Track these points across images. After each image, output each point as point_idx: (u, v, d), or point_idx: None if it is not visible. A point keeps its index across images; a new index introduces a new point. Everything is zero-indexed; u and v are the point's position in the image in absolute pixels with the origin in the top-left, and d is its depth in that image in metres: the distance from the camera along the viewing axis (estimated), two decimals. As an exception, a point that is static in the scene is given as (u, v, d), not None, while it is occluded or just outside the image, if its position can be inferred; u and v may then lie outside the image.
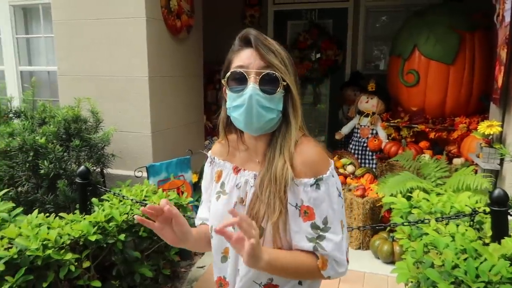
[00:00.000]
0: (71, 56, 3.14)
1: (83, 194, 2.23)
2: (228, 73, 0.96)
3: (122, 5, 2.93)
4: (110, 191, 2.35)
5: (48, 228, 1.95)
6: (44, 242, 1.83)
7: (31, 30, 4.43)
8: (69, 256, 1.84)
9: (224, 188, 1.04)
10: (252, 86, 0.91)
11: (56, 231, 1.88)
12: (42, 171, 2.39)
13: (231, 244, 0.81)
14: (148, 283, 2.33)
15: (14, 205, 2.15)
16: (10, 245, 1.83)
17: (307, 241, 0.93)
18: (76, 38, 3.10)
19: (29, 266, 1.79)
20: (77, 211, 2.24)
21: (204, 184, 1.14)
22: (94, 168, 2.67)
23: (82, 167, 2.20)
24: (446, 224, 1.80)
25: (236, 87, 0.94)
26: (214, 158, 1.12)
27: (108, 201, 2.28)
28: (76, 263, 1.90)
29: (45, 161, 2.38)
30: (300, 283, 1.00)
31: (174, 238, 0.93)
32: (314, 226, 0.92)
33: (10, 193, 2.66)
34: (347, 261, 0.96)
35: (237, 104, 0.93)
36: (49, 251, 1.79)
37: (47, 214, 2.13)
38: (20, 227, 1.94)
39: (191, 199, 2.76)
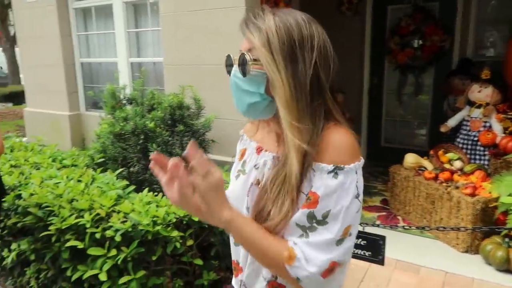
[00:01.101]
0: (175, 47, 3.33)
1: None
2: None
3: (222, -5, 3.01)
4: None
5: (157, 206, 2.09)
6: (154, 219, 1.96)
7: (140, 25, 4.79)
8: (175, 233, 1.95)
9: (245, 167, 1.00)
10: (233, 69, 0.89)
11: (164, 210, 2.01)
12: (150, 154, 2.58)
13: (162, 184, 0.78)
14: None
15: (127, 183, 2.36)
16: (125, 219, 2.01)
17: (296, 227, 0.82)
18: (180, 30, 3.28)
19: (140, 239, 1.95)
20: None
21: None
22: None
23: (186, 151, 2.31)
24: None
25: (229, 70, 0.92)
26: (243, 136, 1.09)
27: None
28: (180, 241, 2.01)
29: (154, 144, 2.56)
30: None
31: (176, 200, 0.80)
32: (311, 216, 0.81)
33: (123, 173, 2.93)
34: (330, 271, 0.80)
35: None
36: (158, 227, 1.92)
37: (155, 193, 2.29)
38: (133, 203, 2.12)
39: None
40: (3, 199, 2.12)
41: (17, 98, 11.34)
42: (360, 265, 2.57)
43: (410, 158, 3.55)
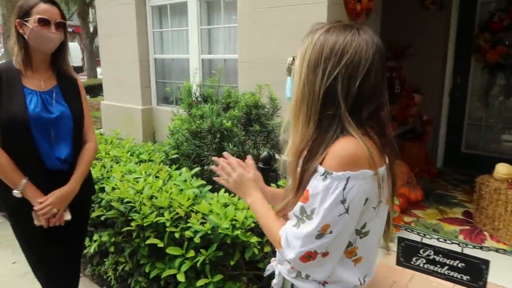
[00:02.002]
0: (252, 44, 3.27)
1: (264, 179, 2.27)
2: None
3: (303, -9, 2.89)
4: (285, 178, 2.36)
5: (235, 208, 2.04)
6: (233, 222, 1.91)
7: (212, 22, 4.82)
8: (254, 239, 1.89)
9: None
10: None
11: (243, 213, 1.95)
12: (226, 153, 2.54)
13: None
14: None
15: (204, 182, 2.34)
16: (203, 220, 1.98)
17: (293, 216, 0.97)
18: (257, 26, 3.21)
19: (218, 243, 1.91)
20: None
21: None
22: (270, 153, 2.73)
23: (265, 153, 2.25)
24: None
25: None
26: None
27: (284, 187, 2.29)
28: (258, 247, 1.95)
29: (230, 144, 2.52)
30: None
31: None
32: (302, 209, 0.94)
33: (196, 171, 2.93)
34: (308, 258, 0.94)
35: None
36: (237, 232, 1.87)
37: (232, 195, 2.25)
38: (210, 204, 2.09)
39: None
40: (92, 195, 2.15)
41: (94, 90, 12.15)
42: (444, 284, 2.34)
43: (502, 169, 3.19)
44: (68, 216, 1.79)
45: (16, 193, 1.65)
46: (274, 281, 1.18)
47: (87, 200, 2.04)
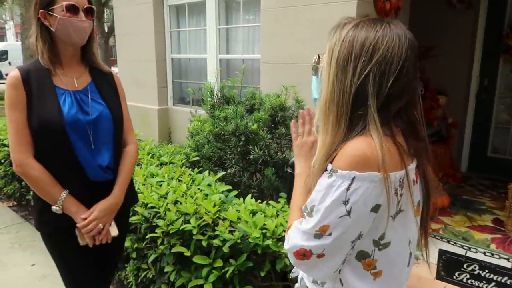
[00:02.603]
0: (275, 43, 3.17)
1: (292, 185, 2.17)
2: None
3: (331, -11, 2.79)
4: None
5: (264, 216, 1.95)
6: (263, 231, 1.82)
7: (230, 21, 4.74)
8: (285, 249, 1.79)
9: None
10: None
11: (274, 222, 1.86)
12: (251, 156, 2.45)
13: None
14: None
15: (230, 187, 2.25)
16: (232, 228, 1.89)
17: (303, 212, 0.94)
18: (281, 26, 3.12)
19: (248, 252, 1.82)
20: (281, 200, 2.22)
21: None
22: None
23: (294, 158, 2.15)
24: None
25: None
26: None
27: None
28: (289, 257, 1.85)
29: (255, 147, 2.43)
30: None
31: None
32: (305, 206, 0.91)
33: (219, 172, 2.85)
34: (302, 255, 0.90)
35: None
36: (268, 241, 1.77)
37: (259, 201, 2.16)
38: (237, 211, 2.00)
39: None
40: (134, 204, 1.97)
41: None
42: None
43: (538, 175, 3.04)
44: (115, 232, 1.58)
45: (55, 209, 1.45)
46: (297, 285, 1.13)
47: (128, 211, 1.84)
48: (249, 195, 2.18)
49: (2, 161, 3.69)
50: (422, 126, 0.95)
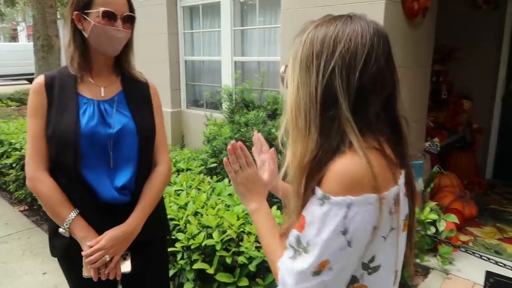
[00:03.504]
0: (296, 45, 3.04)
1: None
2: None
3: (357, -12, 2.65)
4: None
5: (292, 231, 1.81)
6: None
7: (245, 22, 4.62)
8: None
9: None
10: None
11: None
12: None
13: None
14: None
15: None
16: (257, 244, 1.76)
17: (289, 246, 0.82)
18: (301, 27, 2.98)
19: (276, 270, 1.68)
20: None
21: None
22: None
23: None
24: None
25: None
26: None
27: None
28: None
29: (279, 155, 2.29)
30: None
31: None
32: (298, 239, 0.79)
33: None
34: None
35: None
36: (298, 259, 1.64)
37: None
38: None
39: (416, 210, 2.33)
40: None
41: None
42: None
43: None
44: (126, 267, 1.34)
45: (62, 231, 1.28)
46: None
47: (160, 241, 1.54)
48: (274, 206, 2.04)
49: (14, 165, 3.61)
50: (404, 127, 0.86)
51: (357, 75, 0.76)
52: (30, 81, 20.67)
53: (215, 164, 2.87)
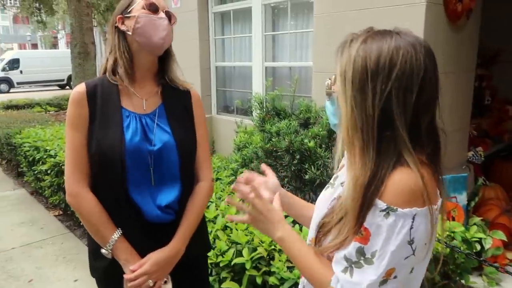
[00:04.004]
0: (329, 51, 2.91)
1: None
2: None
3: (396, -10, 2.51)
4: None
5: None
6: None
7: (277, 27, 4.55)
8: None
9: (335, 181, 1.00)
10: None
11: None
12: (307, 176, 2.22)
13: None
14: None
15: (285, 214, 2.02)
16: (289, 264, 1.67)
17: (343, 259, 0.82)
18: (336, 32, 2.87)
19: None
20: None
21: None
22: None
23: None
24: None
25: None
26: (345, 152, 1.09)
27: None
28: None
29: (312, 166, 2.19)
30: None
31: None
32: (360, 251, 0.79)
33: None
34: None
35: None
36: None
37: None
38: (294, 241, 1.77)
39: (461, 227, 2.16)
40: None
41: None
42: None
43: None
44: None
45: (105, 252, 1.23)
46: None
47: (201, 260, 1.48)
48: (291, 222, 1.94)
49: (49, 171, 3.69)
50: (442, 132, 0.86)
51: (414, 98, 0.78)
52: (61, 86, 21.47)
53: (245, 174, 2.79)
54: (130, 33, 1.24)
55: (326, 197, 0.99)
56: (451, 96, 2.89)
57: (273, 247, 1.76)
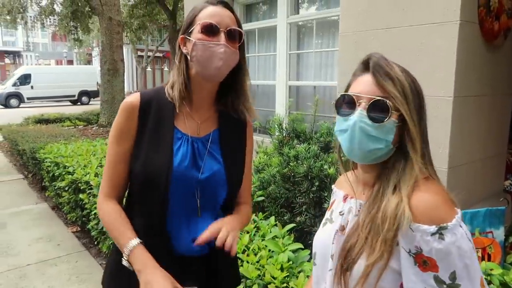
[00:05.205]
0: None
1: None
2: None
3: (426, 9, 2.35)
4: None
5: None
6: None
7: (302, 46, 4.46)
8: None
9: (332, 216, 1.02)
10: (359, 112, 0.88)
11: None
12: (326, 205, 2.06)
13: None
14: None
15: (301, 246, 1.87)
16: (303, 305, 1.51)
17: None
18: (362, 51, 2.71)
19: None
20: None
21: None
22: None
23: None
24: None
25: (344, 111, 0.92)
26: (333, 188, 1.10)
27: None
28: None
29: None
30: None
31: None
32: (439, 280, 0.78)
33: (285, 217, 2.48)
34: None
35: (342, 128, 0.92)
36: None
37: (336, 265, 1.75)
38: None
39: (499, 269, 1.93)
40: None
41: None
42: None
43: None
44: None
45: (125, 263, 1.09)
46: None
47: None
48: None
49: (67, 188, 3.67)
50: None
51: (425, 120, 0.91)
52: (73, 102, 21.89)
53: (262, 198, 2.66)
54: (189, 57, 1.15)
55: (327, 232, 0.98)
56: (487, 120, 2.67)
57: (285, 284, 1.61)
